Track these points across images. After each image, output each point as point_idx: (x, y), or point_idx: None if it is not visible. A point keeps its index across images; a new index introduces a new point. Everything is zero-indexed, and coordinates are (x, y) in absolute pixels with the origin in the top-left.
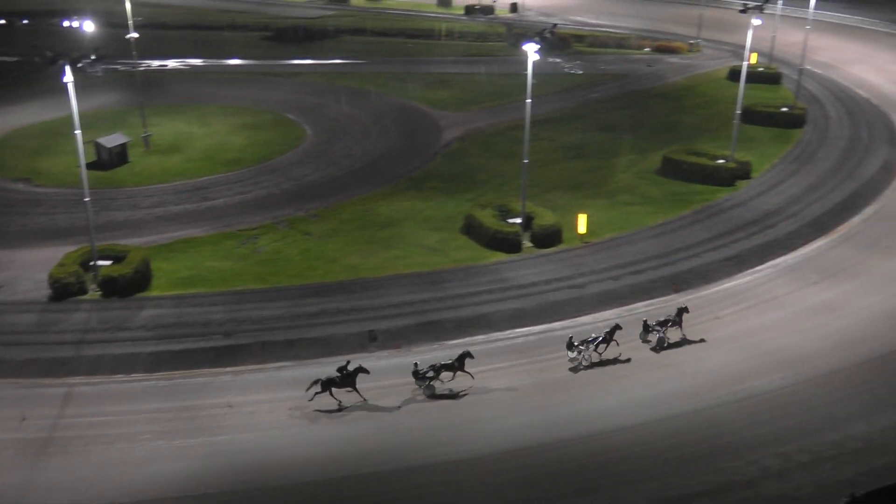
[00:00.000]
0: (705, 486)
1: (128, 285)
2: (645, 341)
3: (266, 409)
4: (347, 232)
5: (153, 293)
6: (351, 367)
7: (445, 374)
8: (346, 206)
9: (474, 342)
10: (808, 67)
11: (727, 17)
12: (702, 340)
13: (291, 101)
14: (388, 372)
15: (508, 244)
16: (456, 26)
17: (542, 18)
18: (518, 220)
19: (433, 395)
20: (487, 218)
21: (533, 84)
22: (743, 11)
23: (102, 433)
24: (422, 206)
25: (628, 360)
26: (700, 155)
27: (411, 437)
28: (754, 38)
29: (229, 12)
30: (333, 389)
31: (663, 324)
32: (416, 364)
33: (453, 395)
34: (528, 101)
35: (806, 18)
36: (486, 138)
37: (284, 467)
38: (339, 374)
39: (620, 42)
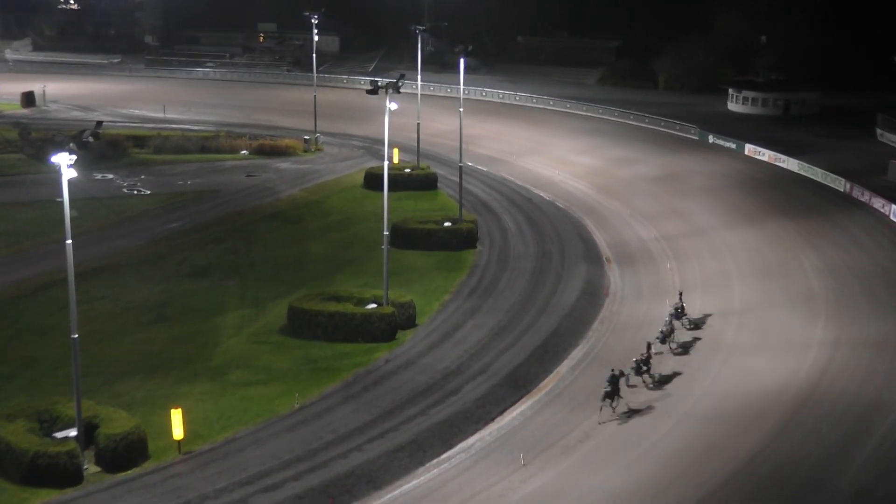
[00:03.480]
0: None
1: None
2: None
3: None
4: None
5: None
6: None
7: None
8: None
9: None
10: (470, 164)
11: (352, 101)
12: None
13: None
14: None
15: (61, 472)
16: None
17: (77, 115)
18: (73, 433)
19: (660, 382)
20: (21, 435)
21: (74, 216)
22: (373, 92)
23: None
24: None
25: None
26: (342, 300)
27: None
28: (393, 126)
29: None
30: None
31: None
32: (636, 360)
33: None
34: (69, 241)
35: (455, 98)
36: (3, 307)
37: None
38: (609, 384)
39: (204, 144)
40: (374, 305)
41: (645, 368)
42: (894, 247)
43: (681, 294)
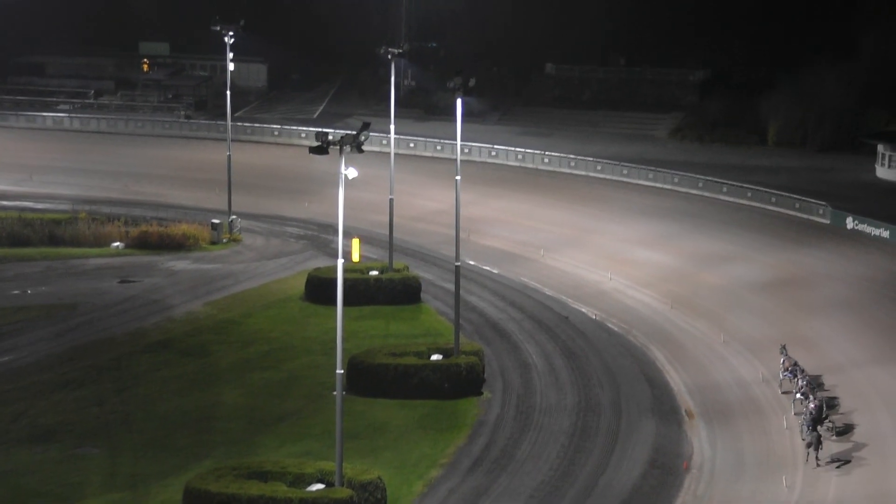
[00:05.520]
0: None
1: None
2: None
3: None
4: None
5: None
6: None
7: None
8: None
9: None
10: (472, 263)
11: (287, 164)
12: None
13: None
14: None
15: None
16: None
17: None
18: None
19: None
20: None
21: None
22: (320, 150)
23: None
24: None
25: None
26: (271, 478)
27: None
28: (352, 204)
29: None
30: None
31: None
32: (810, 411)
33: None
34: None
35: (449, 160)
36: None
37: None
38: (810, 428)
39: (54, 231)
40: (320, 486)
41: (823, 417)
42: None
43: (784, 347)
